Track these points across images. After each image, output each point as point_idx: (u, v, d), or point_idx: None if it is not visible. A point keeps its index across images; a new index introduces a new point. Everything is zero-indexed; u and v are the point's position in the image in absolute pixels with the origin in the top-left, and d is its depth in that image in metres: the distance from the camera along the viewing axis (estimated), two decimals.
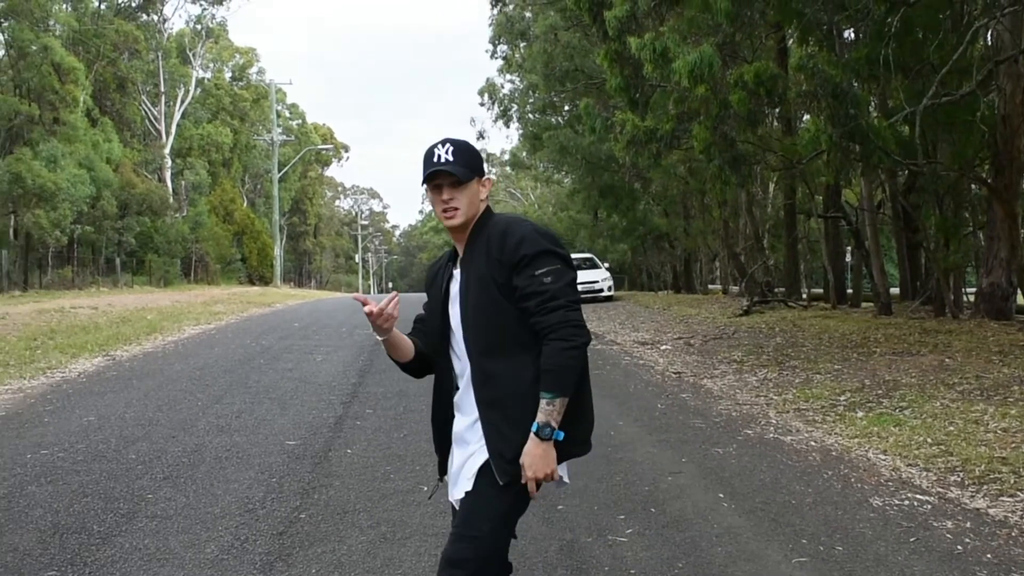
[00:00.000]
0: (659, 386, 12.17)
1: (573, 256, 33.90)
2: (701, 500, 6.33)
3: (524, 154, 53.77)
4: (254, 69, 72.61)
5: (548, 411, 3.09)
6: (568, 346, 3.10)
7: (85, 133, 43.43)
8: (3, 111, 38.67)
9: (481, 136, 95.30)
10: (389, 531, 5.66)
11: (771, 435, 8.72)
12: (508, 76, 44.40)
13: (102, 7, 52.05)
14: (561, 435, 3.13)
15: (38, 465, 7.54)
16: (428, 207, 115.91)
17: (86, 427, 9.22)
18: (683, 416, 9.81)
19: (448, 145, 3.26)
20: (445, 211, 3.27)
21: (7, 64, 41.27)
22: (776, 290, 27.57)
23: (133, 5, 55.22)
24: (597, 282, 32.74)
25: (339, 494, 6.55)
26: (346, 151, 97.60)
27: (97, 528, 5.78)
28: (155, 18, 57.58)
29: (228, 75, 71.02)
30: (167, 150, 56.71)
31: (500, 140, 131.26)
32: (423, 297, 3.57)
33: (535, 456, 3.10)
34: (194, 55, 61.31)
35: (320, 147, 79.32)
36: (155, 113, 57.18)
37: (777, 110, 18.12)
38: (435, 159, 3.23)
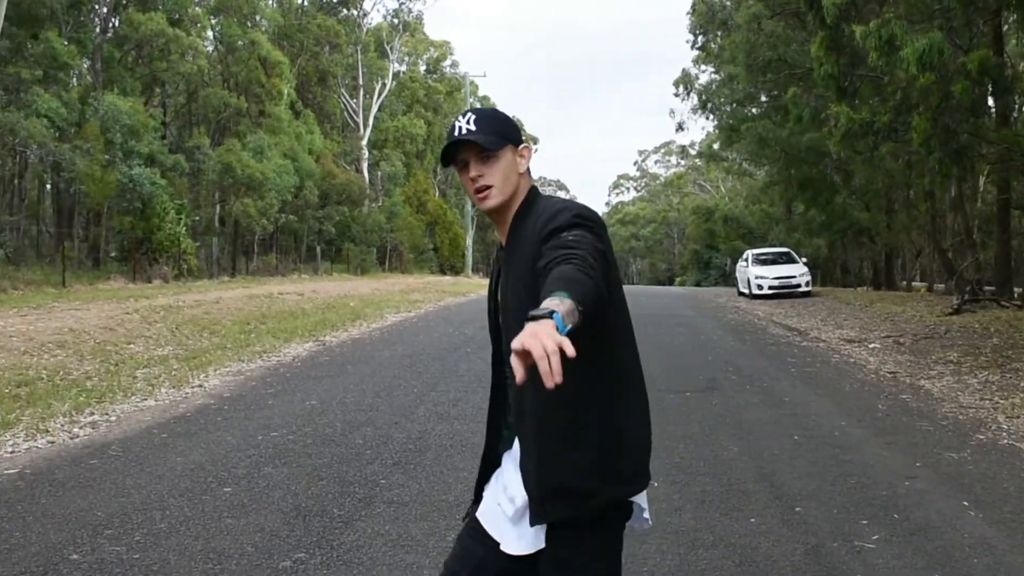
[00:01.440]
0: (875, 386, 11.79)
1: (768, 250, 33.38)
2: (944, 507, 6.08)
3: (716, 146, 53.09)
4: (447, 62, 73.82)
5: (556, 304, 2.15)
6: (583, 268, 2.30)
7: (289, 125, 44.98)
8: (213, 104, 40.38)
9: (680, 128, 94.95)
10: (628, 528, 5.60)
11: (1005, 441, 8.32)
12: (704, 67, 43.90)
13: (305, 3, 53.76)
14: (565, 330, 2.09)
15: (270, 447, 7.81)
16: (616, 198, 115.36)
17: (310, 411, 9.51)
18: (907, 418, 9.47)
19: (470, 115, 2.74)
20: (478, 191, 2.70)
21: (216, 59, 43.02)
22: (986, 288, 26.40)
23: (335, 0, 56.82)
24: (794, 277, 32.03)
25: None
26: (535, 143, 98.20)
27: (337, 512, 5.92)
28: (355, 13, 59.19)
29: (423, 68, 72.40)
30: (364, 141, 58.22)
31: (696, 132, 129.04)
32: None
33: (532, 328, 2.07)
34: (391, 49, 62.66)
35: None
36: (353, 105, 58.74)
37: (993, 101, 17.34)
38: (455, 132, 2.71)
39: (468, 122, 2.69)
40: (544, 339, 2.00)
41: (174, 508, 5.96)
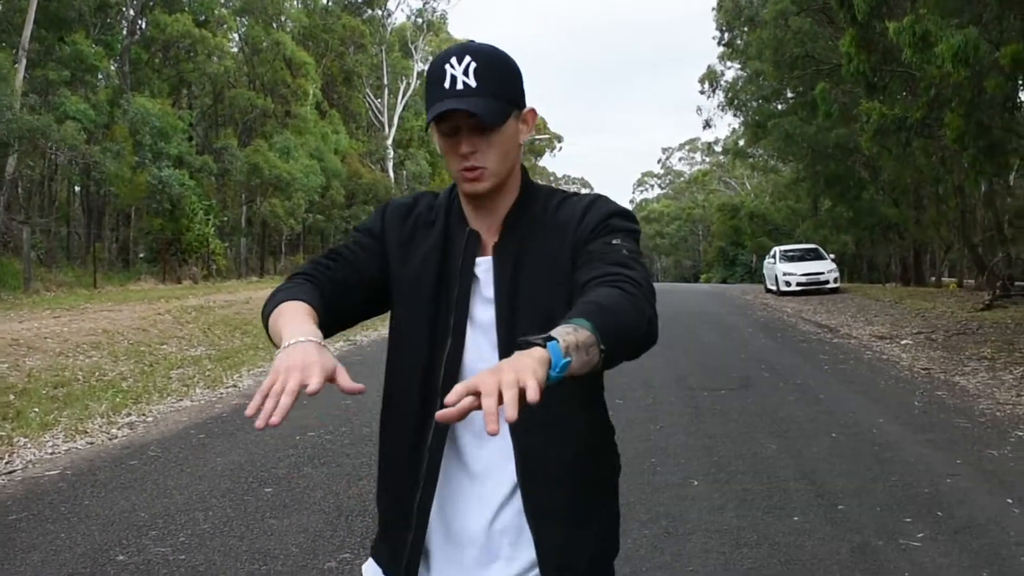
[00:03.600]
0: (909, 382, 11.72)
1: (796, 247, 33.21)
2: (988, 505, 6.04)
3: (741, 142, 52.90)
4: None
5: (565, 332, 1.57)
6: (634, 296, 1.75)
7: (315, 125, 45.14)
8: (240, 104, 40.57)
9: (708, 125, 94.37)
10: (670, 525, 5.60)
11: None
12: (729, 63, 43.77)
13: (329, 3, 53.91)
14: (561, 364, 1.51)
15: (309, 447, 7.84)
16: (640, 196, 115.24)
17: (345, 410, 9.54)
18: (944, 415, 9.41)
19: (468, 59, 1.92)
20: (466, 171, 1.97)
21: (242, 60, 43.23)
22: (1017, 283, 26.23)
23: (359, 0, 56.95)
24: (823, 273, 31.90)
25: None
26: (559, 141, 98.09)
27: None
28: (379, 12, 59.24)
29: None
30: (389, 141, 58.32)
31: (723, 128, 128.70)
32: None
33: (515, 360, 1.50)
34: (415, 48, 62.74)
35: (536, 137, 79.95)
36: (378, 105, 58.86)
37: None
38: (447, 83, 1.92)
39: (467, 72, 1.92)
40: (504, 373, 1.44)
41: (216, 509, 6.00)
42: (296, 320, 1.80)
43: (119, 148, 29.35)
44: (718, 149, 78.53)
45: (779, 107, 40.65)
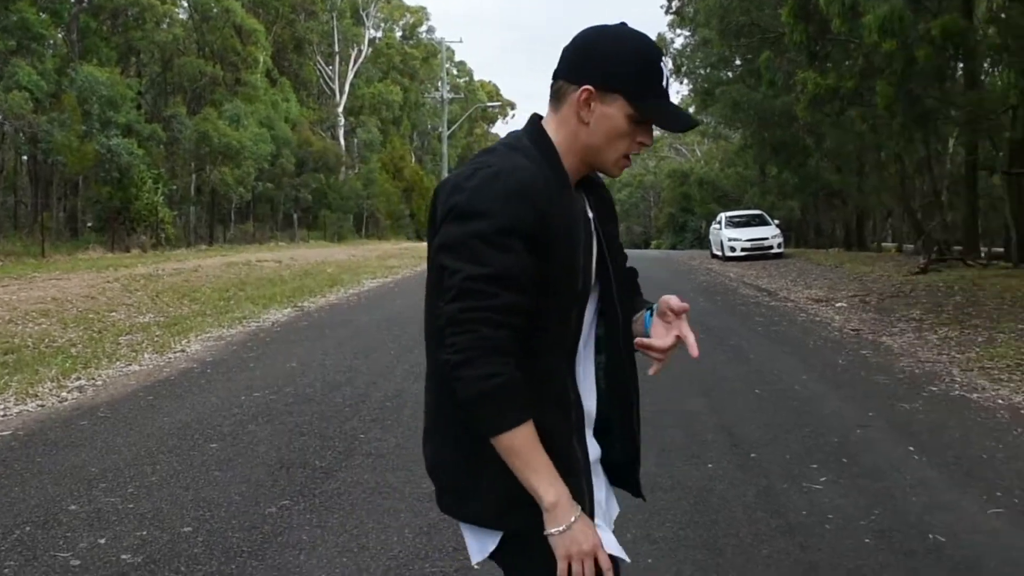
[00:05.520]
0: (838, 343, 12.18)
1: (741, 213, 33.74)
2: (892, 453, 6.45)
3: (692, 109, 53.32)
4: (423, 28, 73.77)
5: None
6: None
7: (265, 93, 45.05)
8: (189, 72, 40.45)
9: None
10: None
11: (956, 392, 8.71)
12: (679, 31, 44.09)
13: None
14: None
15: (253, 406, 8.13)
16: None
17: (291, 372, 9.83)
18: (865, 372, 9.86)
19: (669, 64, 2.15)
20: (626, 159, 2.14)
21: (191, 28, 42.98)
22: (953, 248, 26.87)
23: None
24: (767, 239, 32.47)
25: None
26: (512, 108, 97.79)
27: (319, 463, 6.26)
28: None
29: (399, 34, 72.37)
30: (340, 108, 58.31)
31: (673, 96, 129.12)
32: None
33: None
34: (366, 15, 62.58)
35: (488, 104, 79.93)
36: (329, 73, 58.79)
37: (961, 64, 17.68)
38: (664, 83, 2.12)
39: (669, 76, 2.19)
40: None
41: (164, 463, 6.29)
42: (551, 465, 1.98)
43: (66, 117, 29.23)
44: None
45: (727, 75, 41.06)
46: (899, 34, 13.39)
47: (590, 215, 2.17)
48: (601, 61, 2.06)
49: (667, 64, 2.11)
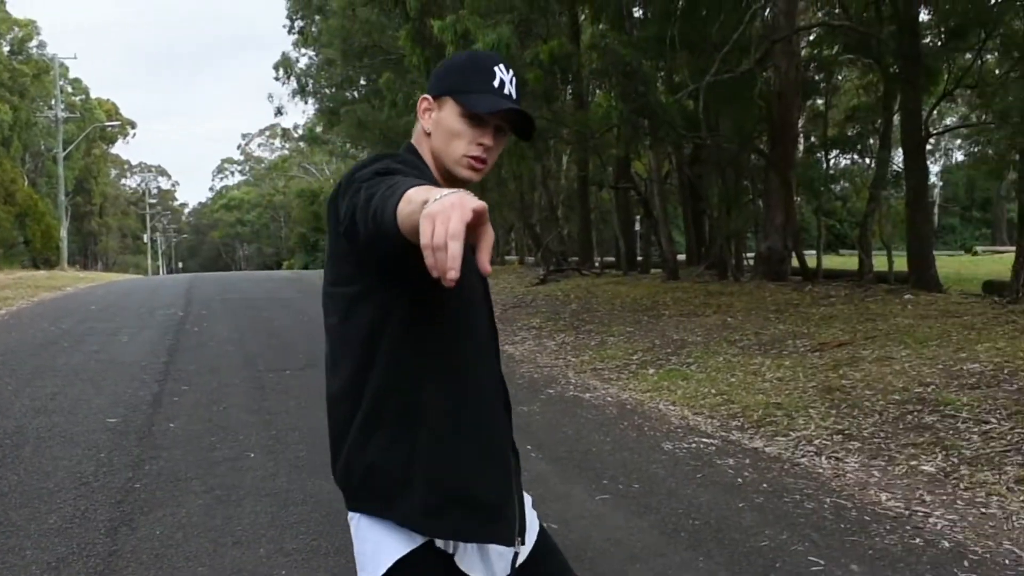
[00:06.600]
0: None
1: None
2: None
3: (319, 128, 53.47)
4: (34, 42, 69.61)
5: None
6: None
7: None
8: None
9: (280, 112, 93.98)
10: (224, 494, 5.96)
11: (571, 393, 9.38)
12: (304, 51, 44.11)
13: None
14: None
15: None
16: (220, 183, 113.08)
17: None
18: None
19: (511, 73, 2.18)
20: (476, 160, 2.17)
21: None
22: (570, 259, 28.54)
23: None
24: None
25: (169, 464, 6.77)
26: (132, 128, 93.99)
27: None
28: None
29: (6, 49, 67.89)
30: None
31: (297, 115, 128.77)
32: (220, 276, 1.89)
33: None
34: None
35: (106, 124, 76.64)
36: None
37: (570, 87, 18.87)
38: (496, 83, 2.14)
39: (511, 83, 2.18)
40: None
41: None
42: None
43: None
44: (296, 135, 78.85)
45: (353, 94, 41.49)
46: (507, 58, 14.14)
47: None
48: (437, 73, 2.23)
49: (503, 70, 2.16)
